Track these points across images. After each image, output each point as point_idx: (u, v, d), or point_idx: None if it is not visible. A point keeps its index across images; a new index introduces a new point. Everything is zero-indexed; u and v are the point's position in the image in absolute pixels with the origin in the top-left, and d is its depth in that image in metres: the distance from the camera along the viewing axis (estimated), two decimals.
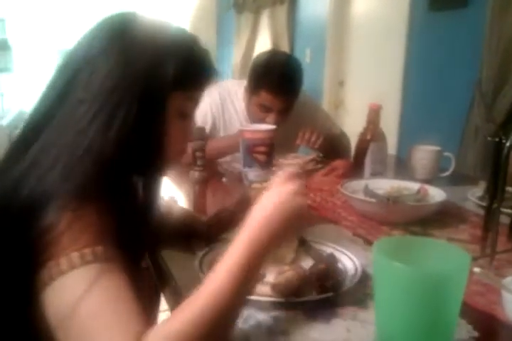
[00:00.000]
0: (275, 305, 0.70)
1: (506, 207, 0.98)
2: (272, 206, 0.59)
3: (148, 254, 0.73)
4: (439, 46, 2.37)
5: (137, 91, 0.62)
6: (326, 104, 3.21)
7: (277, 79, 1.51)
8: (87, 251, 0.53)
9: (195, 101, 0.72)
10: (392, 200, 1.07)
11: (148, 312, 0.52)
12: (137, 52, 0.63)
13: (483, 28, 2.01)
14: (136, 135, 0.62)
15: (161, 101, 0.65)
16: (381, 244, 0.59)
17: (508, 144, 1.02)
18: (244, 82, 1.66)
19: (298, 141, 1.57)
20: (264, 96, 1.53)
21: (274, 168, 1.34)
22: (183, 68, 0.65)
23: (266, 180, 1.13)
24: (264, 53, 1.69)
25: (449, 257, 0.56)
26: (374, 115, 1.38)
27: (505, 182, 0.99)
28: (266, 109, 1.55)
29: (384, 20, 2.81)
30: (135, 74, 0.63)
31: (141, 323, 0.50)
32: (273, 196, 0.61)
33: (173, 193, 1.21)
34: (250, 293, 0.61)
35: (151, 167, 0.67)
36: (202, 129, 1.34)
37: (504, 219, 0.96)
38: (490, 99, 2.03)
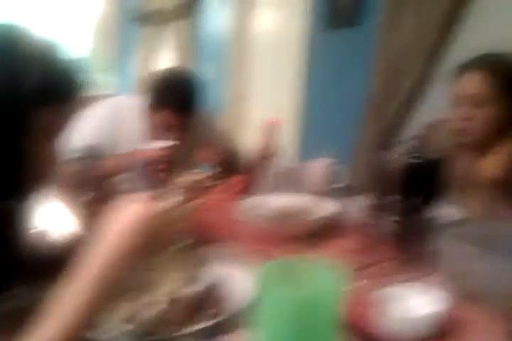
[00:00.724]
0: None
1: (391, 216, 1.05)
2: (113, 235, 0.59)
3: (19, 288, 0.66)
4: (336, 62, 2.50)
5: None
6: (227, 120, 3.24)
7: (176, 98, 1.50)
8: None
9: (62, 116, 0.66)
10: (286, 215, 1.09)
11: None
12: None
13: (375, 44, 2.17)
14: None
15: (20, 116, 0.59)
16: (264, 268, 0.59)
17: (388, 159, 1.09)
18: (143, 98, 1.62)
19: (197, 158, 1.56)
20: (163, 115, 1.51)
21: (172, 186, 1.31)
22: (44, 81, 0.60)
23: (164, 200, 1.10)
24: (164, 71, 1.67)
25: (327, 276, 0.58)
26: (270, 131, 1.41)
27: (388, 193, 1.05)
28: (165, 127, 1.53)
29: (284, 37, 2.92)
30: None
31: None
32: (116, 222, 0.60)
33: (61, 217, 1.13)
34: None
35: (16, 190, 0.61)
36: (93, 147, 1.27)
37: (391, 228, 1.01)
38: (380, 113, 2.18)
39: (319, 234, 1.09)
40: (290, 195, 1.24)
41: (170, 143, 1.38)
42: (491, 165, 1.27)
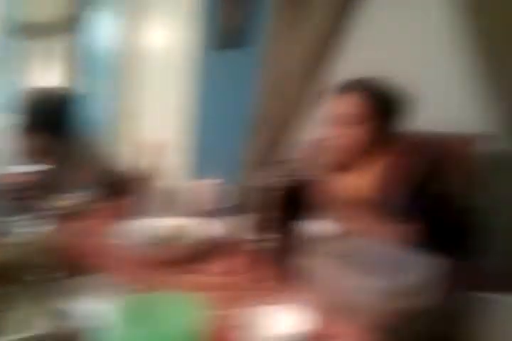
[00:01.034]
0: None
1: (271, 234, 1.06)
2: None
3: None
4: (224, 82, 2.53)
5: None
6: (115, 139, 3.12)
7: (47, 121, 1.44)
8: None
9: None
10: (167, 239, 1.05)
11: None
12: None
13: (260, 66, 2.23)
14: None
15: None
16: (121, 303, 0.56)
17: (269, 178, 1.11)
18: (15, 119, 1.50)
19: (76, 181, 1.47)
20: (34, 137, 1.44)
21: (46, 214, 1.21)
22: None
23: (34, 232, 1.00)
24: (36, 91, 1.59)
25: (187, 309, 0.55)
26: (153, 154, 1.37)
27: (269, 212, 1.06)
28: (36, 150, 1.44)
29: (173, 55, 2.90)
30: None
31: None
32: None
33: None
34: None
35: None
36: None
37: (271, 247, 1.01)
38: (265, 133, 2.23)
39: (202, 256, 1.07)
40: (173, 218, 1.20)
41: (40, 167, 1.28)
42: (362, 183, 1.35)
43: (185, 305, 0.55)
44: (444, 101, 1.73)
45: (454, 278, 0.80)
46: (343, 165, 1.39)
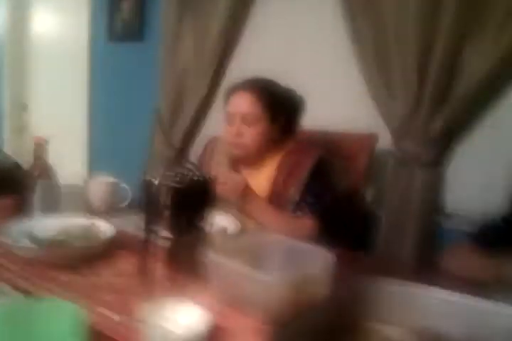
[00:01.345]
0: None
1: (166, 233, 1.05)
2: None
3: None
4: (121, 75, 2.45)
5: None
6: (8, 130, 2.90)
7: None
8: None
9: None
10: (57, 244, 1.00)
11: None
12: None
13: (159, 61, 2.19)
14: None
15: None
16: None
17: (166, 177, 1.10)
18: None
19: None
20: None
21: None
22: None
23: None
24: None
25: (68, 315, 0.54)
26: (40, 149, 1.29)
27: (164, 211, 1.05)
28: None
29: (66, 45, 2.75)
30: None
31: None
32: None
33: None
34: None
35: None
36: None
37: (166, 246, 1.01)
38: (168, 127, 2.20)
39: (95, 257, 1.04)
40: (64, 220, 1.15)
41: None
42: (260, 180, 1.40)
43: (66, 311, 0.55)
44: (338, 100, 1.83)
45: (347, 267, 0.86)
46: (243, 162, 1.43)
